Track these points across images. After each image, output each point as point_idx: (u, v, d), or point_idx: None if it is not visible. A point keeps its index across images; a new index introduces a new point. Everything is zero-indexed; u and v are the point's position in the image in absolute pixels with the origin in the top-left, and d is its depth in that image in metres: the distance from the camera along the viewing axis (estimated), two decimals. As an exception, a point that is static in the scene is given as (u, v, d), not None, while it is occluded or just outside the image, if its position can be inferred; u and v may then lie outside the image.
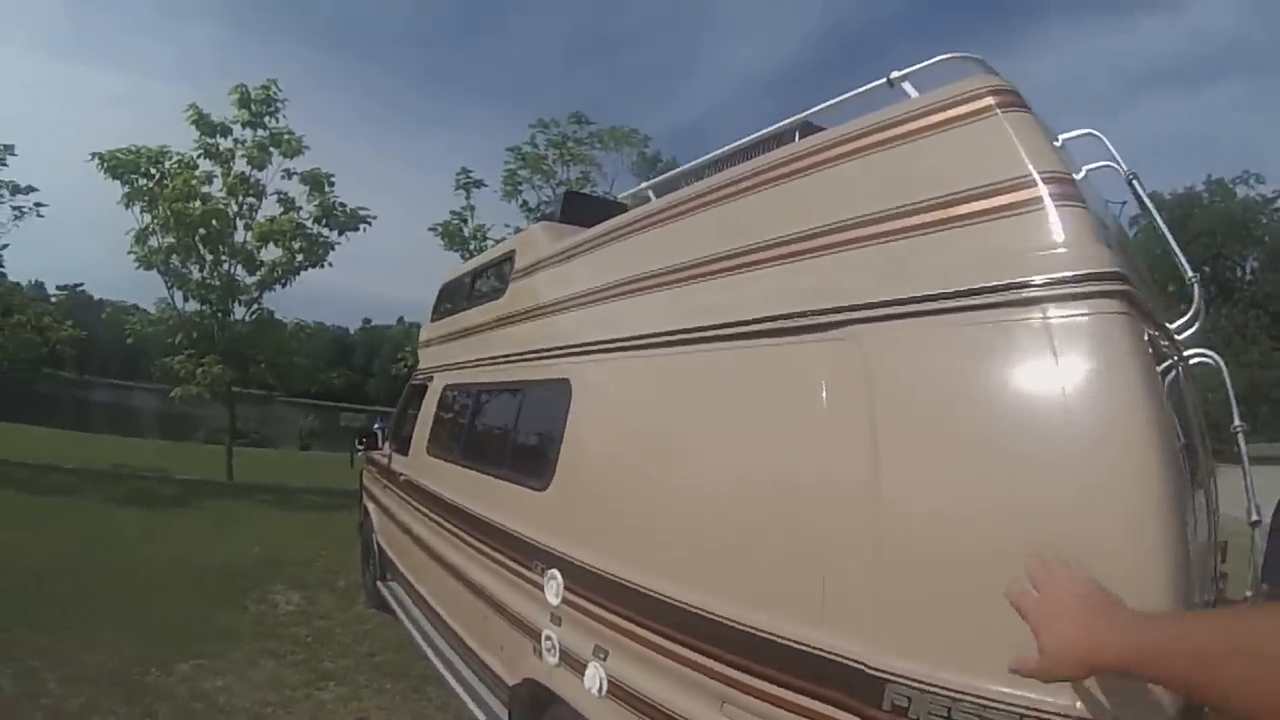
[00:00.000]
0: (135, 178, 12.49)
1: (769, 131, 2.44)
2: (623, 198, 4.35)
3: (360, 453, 6.88)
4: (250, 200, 13.25)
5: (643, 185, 3.27)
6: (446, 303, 5.31)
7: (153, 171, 12.54)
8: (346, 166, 16.44)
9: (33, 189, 14.22)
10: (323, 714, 3.97)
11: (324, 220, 13.54)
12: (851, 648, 1.52)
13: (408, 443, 5.14)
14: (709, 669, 1.88)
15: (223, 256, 13.00)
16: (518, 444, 3.46)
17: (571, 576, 2.53)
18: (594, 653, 2.33)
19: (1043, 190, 1.46)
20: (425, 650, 4.03)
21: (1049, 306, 1.39)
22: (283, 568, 6.90)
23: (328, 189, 13.65)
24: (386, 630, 5.24)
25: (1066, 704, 1.22)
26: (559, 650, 2.54)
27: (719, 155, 2.70)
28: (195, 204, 12.19)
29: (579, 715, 2.36)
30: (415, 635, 4.29)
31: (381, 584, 5.47)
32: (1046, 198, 1.46)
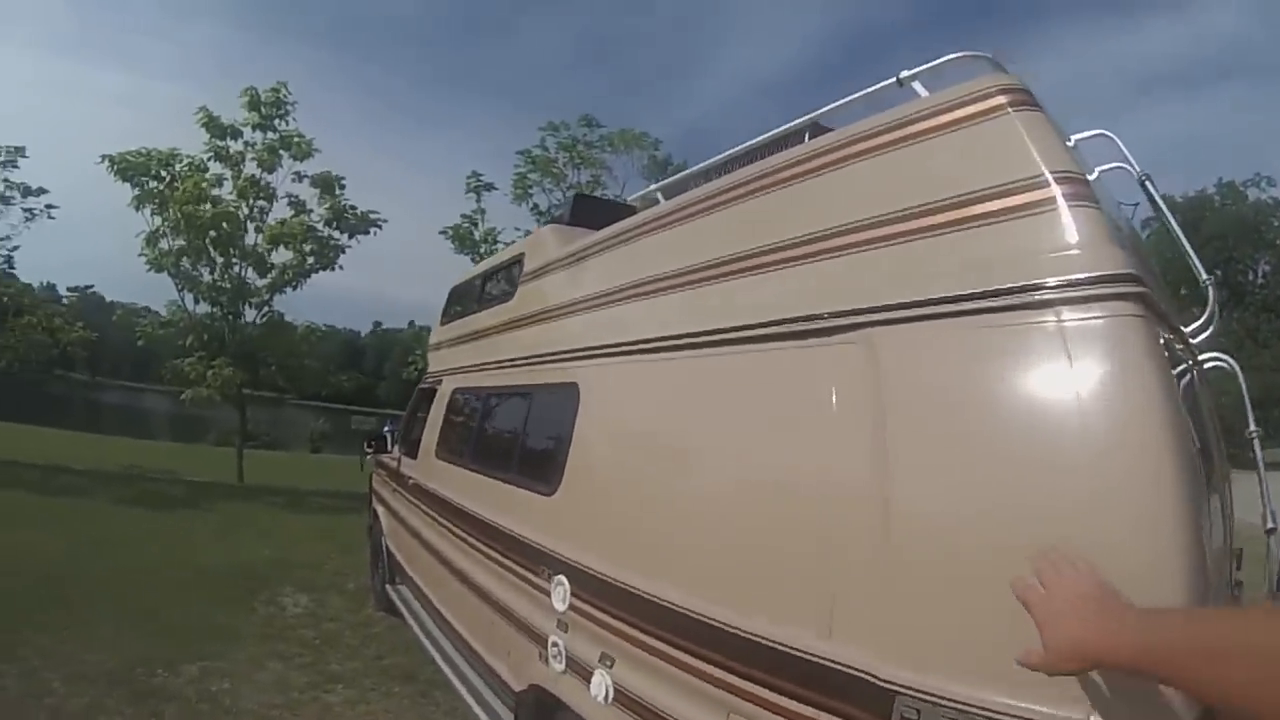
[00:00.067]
0: (146, 180, 12.59)
1: (778, 132, 2.41)
2: (632, 200, 4.33)
3: (369, 456, 6.88)
4: (261, 203, 13.37)
5: (652, 187, 3.24)
6: (456, 306, 5.31)
7: (163, 174, 12.66)
8: (349, 167, 16.59)
9: (44, 190, 14.38)
10: (330, 717, 3.96)
11: (335, 223, 13.62)
12: (861, 658, 1.50)
13: (416, 446, 5.13)
14: (716, 678, 1.85)
15: (233, 259, 13.13)
16: (526, 448, 3.45)
17: (579, 582, 2.51)
18: (600, 660, 2.31)
19: (1056, 191, 1.44)
20: (432, 654, 4.01)
21: (1063, 309, 1.36)
22: (292, 570, 6.90)
23: (338, 192, 13.73)
24: (395, 634, 5.23)
25: (1080, 717, 1.19)
26: (565, 656, 2.52)
27: (728, 157, 2.67)
28: (206, 207, 12.32)
29: None
30: (423, 639, 4.27)
31: (390, 587, 5.45)
32: (1060, 198, 1.43)
